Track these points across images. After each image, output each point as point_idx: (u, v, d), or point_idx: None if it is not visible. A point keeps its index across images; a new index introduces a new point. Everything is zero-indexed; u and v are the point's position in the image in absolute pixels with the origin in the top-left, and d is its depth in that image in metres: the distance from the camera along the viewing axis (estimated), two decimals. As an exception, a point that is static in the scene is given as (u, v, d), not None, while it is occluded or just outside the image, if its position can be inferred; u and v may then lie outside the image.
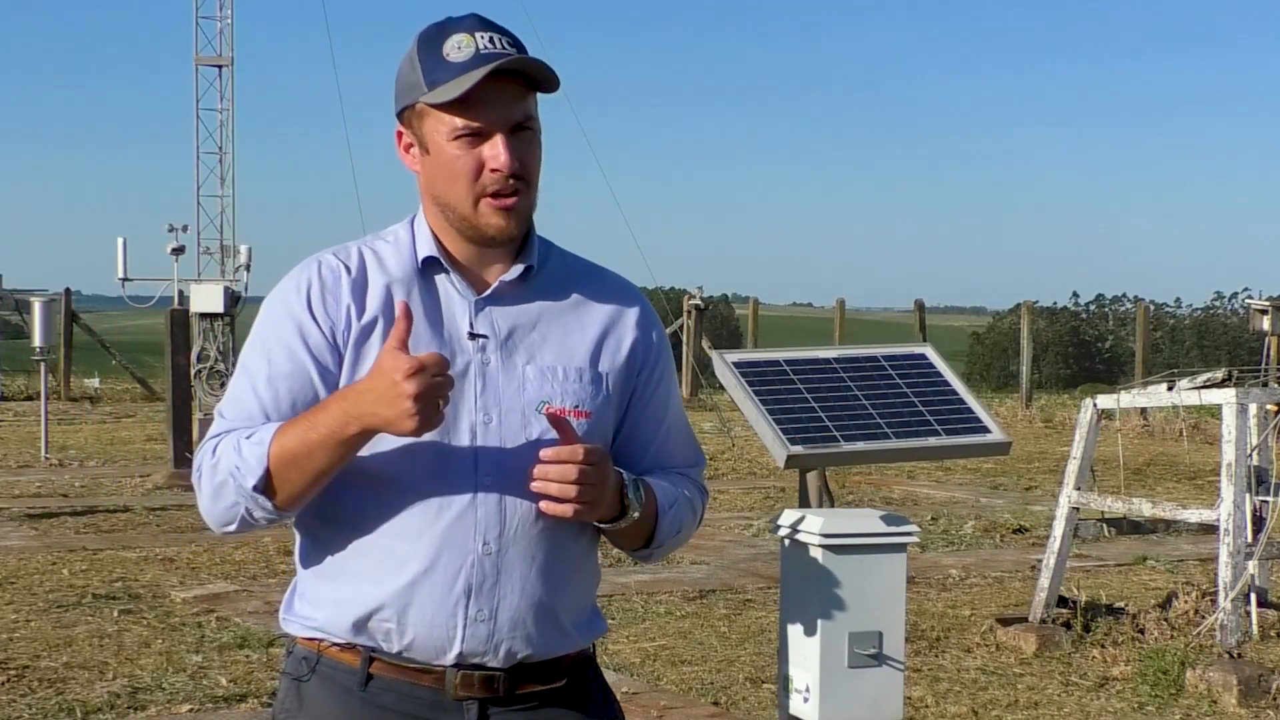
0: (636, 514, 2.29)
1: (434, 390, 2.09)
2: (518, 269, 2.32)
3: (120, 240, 21.02)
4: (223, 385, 19.35)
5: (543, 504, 2.21)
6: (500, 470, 2.24)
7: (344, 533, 2.27)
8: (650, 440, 2.43)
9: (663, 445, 2.45)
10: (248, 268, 21.20)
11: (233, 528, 2.26)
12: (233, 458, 2.20)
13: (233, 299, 19.98)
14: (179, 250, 21.11)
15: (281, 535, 10.06)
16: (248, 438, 2.21)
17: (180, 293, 21.09)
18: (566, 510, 2.20)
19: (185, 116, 22.61)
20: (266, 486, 2.19)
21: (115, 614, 8.00)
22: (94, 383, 27.08)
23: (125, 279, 21.22)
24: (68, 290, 27.18)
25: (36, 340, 17.16)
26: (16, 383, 26.21)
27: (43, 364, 17.25)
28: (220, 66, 22.59)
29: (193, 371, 18.25)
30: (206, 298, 19.86)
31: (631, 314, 2.41)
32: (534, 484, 2.20)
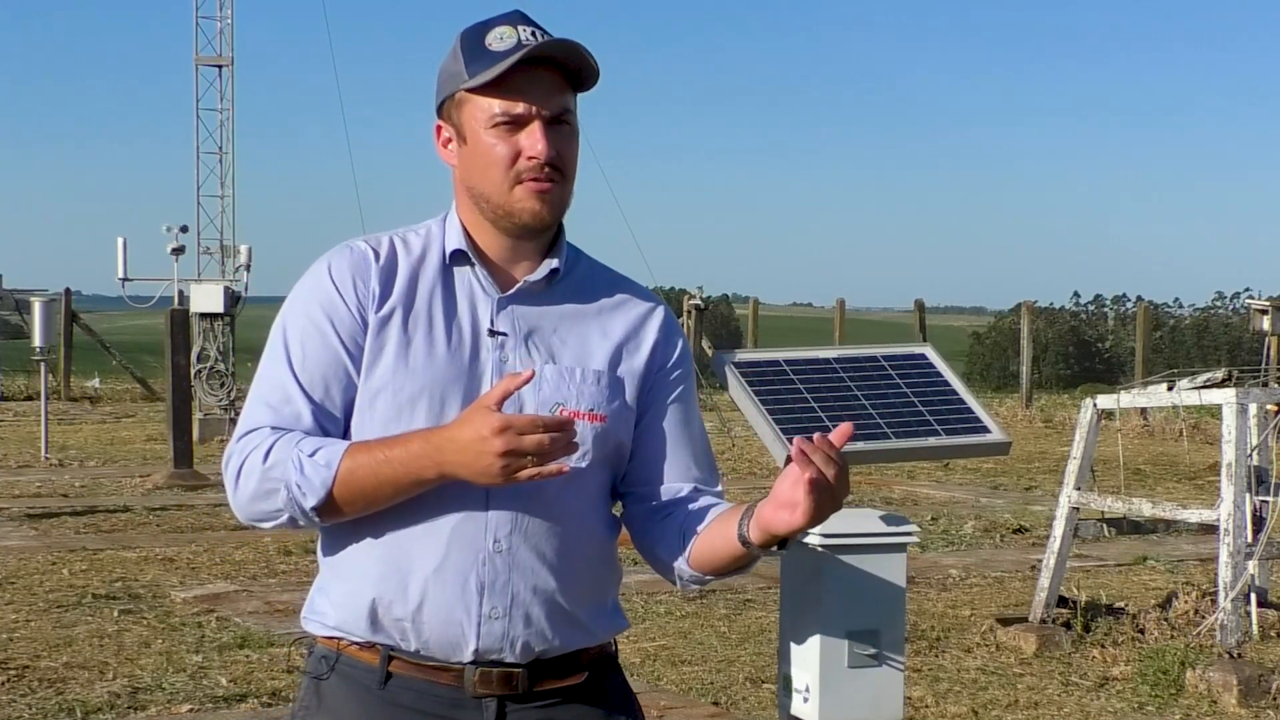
0: (790, 547, 2.26)
1: (520, 448, 2.08)
2: (546, 267, 2.32)
3: (120, 240, 21.05)
4: (222, 385, 19.37)
5: (810, 475, 2.06)
6: None
7: (360, 531, 2.27)
8: (669, 443, 2.38)
9: (684, 455, 2.40)
10: (248, 268, 21.22)
11: (266, 525, 2.26)
12: (292, 473, 2.18)
13: (233, 299, 19.99)
14: (179, 250, 21.13)
15: (282, 535, 10.05)
16: (310, 455, 2.18)
17: (180, 293, 21.11)
18: (824, 480, 2.06)
19: (185, 116, 22.65)
20: (324, 506, 2.19)
21: (115, 614, 8.00)
22: (94, 383, 27.10)
23: (125, 279, 21.24)
24: (68, 290, 27.21)
25: (36, 340, 17.17)
26: (16, 383, 26.22)
27: (43, 364, 17.26)
28: (220, 66, 22.60)
29: (193, 371, 18.25)
30: (206, 298, 19.88)
31: (654, 323, 2.40)
32: (800, 446, 2.08)
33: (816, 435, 2.12)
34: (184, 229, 21.22)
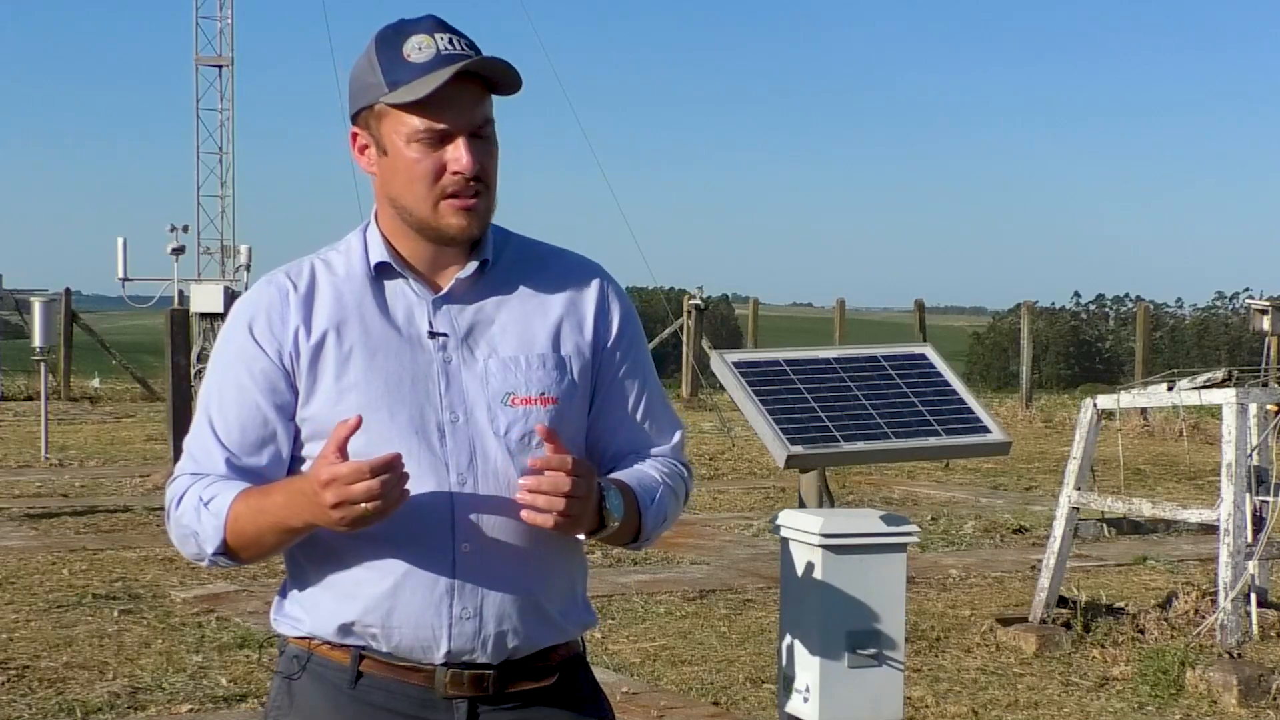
0: (615, 524, 2.25)
1: (350, 498, 2.07)
2: (472, 266, 2.31)
3: (120, 240, 21.10)
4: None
5: (524, 513, 2.17)
6: (473, 467, 2.24)
7: (326, 539, 2.27)
8: (622, 419, 2.39)
9: (637, 426, 2.41)
10: (248, 268, 21.26)
11: (204, 564, 2.33)
12: (193, 521, 2.25)
13: (232, 299, 20.01)
14: (179, 250, 21.16)
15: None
16: (206, 504, 2.23)
17: (180, 293, 21.13)
18: (548, 520, 2.15)
19: (185, 116, 22.69)
20: (226, 551, 2.25)
21: (115, 614, 8.00)
22: (94, 383, 27.09)
23: (125, 279, 21.27)
24: (68, 290, 27.19)
25: (36, 340, 17.16)
26: (16, 383, 26.20)
27: (43, 364, 17.25)
28: (220, 66, 22.62)
29: (193, 371, 18.25)
30: (206, 298, 19.92)
31: (591, 292, 2.38)
32: (521, 494, 2.16)
33: (534, 460, 2.16)
34: (184, 229, 21.25)
